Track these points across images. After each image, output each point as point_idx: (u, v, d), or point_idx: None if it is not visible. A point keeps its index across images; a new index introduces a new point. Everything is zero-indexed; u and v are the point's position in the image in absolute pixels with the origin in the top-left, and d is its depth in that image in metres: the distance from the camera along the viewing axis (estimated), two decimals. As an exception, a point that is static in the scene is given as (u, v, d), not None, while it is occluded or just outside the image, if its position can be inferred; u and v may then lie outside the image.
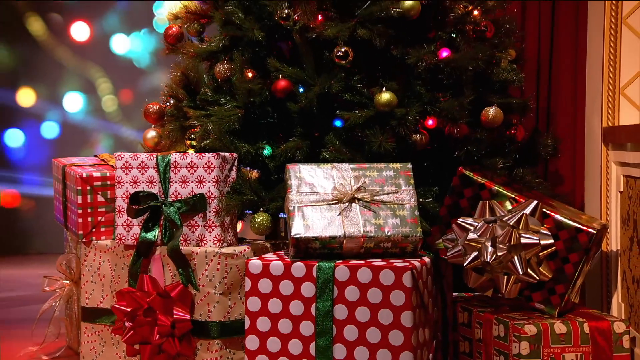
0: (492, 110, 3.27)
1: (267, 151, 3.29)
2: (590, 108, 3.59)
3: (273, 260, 2.88)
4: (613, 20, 3.22)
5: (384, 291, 2.74)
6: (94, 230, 3.47)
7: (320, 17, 3.27)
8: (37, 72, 8.09)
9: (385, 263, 2.78)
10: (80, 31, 8.17)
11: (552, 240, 2.85)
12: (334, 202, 2.93)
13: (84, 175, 3.47)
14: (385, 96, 3.12)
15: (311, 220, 2.89)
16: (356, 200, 2.93)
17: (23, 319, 3.96)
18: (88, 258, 3.42)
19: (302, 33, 3.27)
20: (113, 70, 8.20)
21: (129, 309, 3.11)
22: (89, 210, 3.49)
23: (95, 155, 3.74)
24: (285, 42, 3.49)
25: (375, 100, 3.14)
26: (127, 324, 3.11)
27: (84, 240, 3.47)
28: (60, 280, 3.78)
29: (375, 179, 2.98)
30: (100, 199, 3.50)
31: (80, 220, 3.47)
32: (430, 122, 3.27)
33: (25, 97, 8.14)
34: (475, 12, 3.44)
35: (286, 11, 3.26)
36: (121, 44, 8.24)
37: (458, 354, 3.18)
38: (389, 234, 2.88)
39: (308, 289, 2.82)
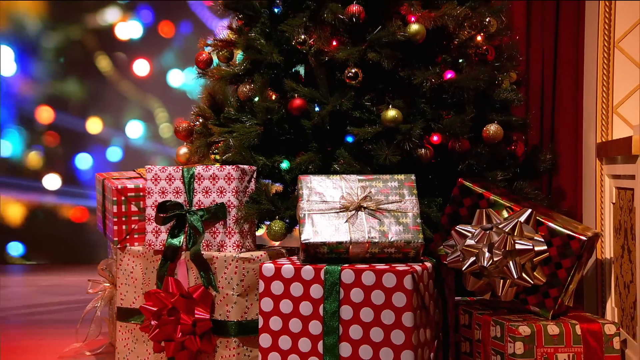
0: (492, 127, 3.16)
1: (285, 165, 3.20)
2: (587, 126, 3.46)
3: (284, 264, 2.80)
4: (606, 44, 3.10)
5: (386, 293, 2.65)
6: (127, 237, 3.42)
7: (334, 43, 3.16)
8: (103, 103, 8.11)
9: (388, 267, 2.69)
10: (141, 67, 8.19)
11: (545, 247, 2.73)
12: (341, 210, 2.84)
13: (119, 187, 3.44)
14: (391, 113, 3.03)
15: (320, 227, 2.81)
16: (362, 209, 2.84)
17: (75, 319, 3.87)
18: (123, 262, 3.35)
19: (317, 56, 3.21)
20: (169, 101, 8.19)
21: (155, 309, 3.04)
22: (124, 219, 3.45)
23: (134, 170, 3.67)
24: (301, 64, 3.35)
25: (382, 117, 3.05)
26: (153, 322, 3.04)
27: (119, 246, 3.42)
28: (102, 283, 3.71)
29: (381, 189, 2.89)
30: (133, 208, 3.46)
31: (115, 228, 3.44)
32: (435, 138, 3.18)
33: (94, 125, 8.17)
34: (479, 38, 3.32)
35: (302, 37, 3.19)
36: (176, 78, 8.23)
37: (460, 353, 3.06)
38: (392, 240, 2.78)
39: (316, 291, 2.73)
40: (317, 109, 3.20)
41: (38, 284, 6.69)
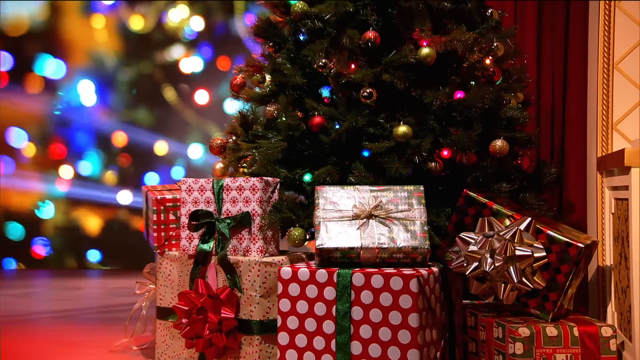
0: (499, 143, 3.05)
1: (308, 177, 3.12)
2: (590, 142, 3.31)
3: (301, 268, 2.72)
4: (605, 66, 2.96)
5: (394, 295, 2.55)
6: (166, 243, 3.39)
7: (353, 66, 3.08)
8: (169, 129, 8.15)
9: (395, 271, 2.59)
10: (201, 97, 8.25)
11: (544, 253, 2.60)
12: (354, 218, 2.75)
13: (159, 197, 3.42)
14: (402, 129, 2.94)
15: (333, 233, 2.72)
16: (373, 217, 2.74)
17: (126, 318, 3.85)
18: (162, 266, 3.29)
19: (336, 78, 3.14)
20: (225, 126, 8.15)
21: (186, 308, 2.97)
22: (162, 227, 3.43)
23: (176, 182, 3.62)
24: (322, 86, 3.27)
25: (393, 133, 2.96)
26: (184, 321, 2.98)
27: (158, 251, 3.38)
28: (148, 285, 3.65)
29: (391, 198, 2.79)
30: (171, 217, 3.42)
31: (155, 234, 3.43)
32: (445, 152, 3.07)
33: (161, 147, 8.21)
34: (487, 61, 3.20)
35: (323, 60, 3.11)
36: (231, 106, 8.20)
37: (467, 353, 2.93)
38: (400, 246, 2.67)
39: (330, 293, 2.64)
40: (337, 126, 3.08)
41: (109, 287, 6.78)
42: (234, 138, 3.45)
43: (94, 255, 8.23)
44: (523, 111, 3.20)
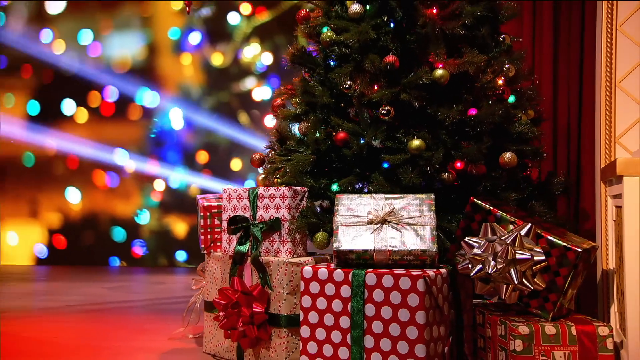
0: (508, 155, 2.85)
1: (335, 187, 2.98)
2: (597, 156, 3.05)
3: (320, 268, 2.59)
4: (608, 84, 2.74)
5: (402, 294, 2.41)
6: (212, 244, 3.30)
7: (376, 87, 2.93)
8: (243, 148, 8.08)
9: (405, 272, 2.44)
10: (270, 121, 8.11)
11: (543, 257, 2.41)
12: (368, 223, 2.61)
13: (205, 204, 3.37)
14: (416, 142, 2.78)
15: (349, 237, 2.59)
16: (386, 222, 2.60)
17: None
18: (209, 265, 3.23)
19: (359, 98, 2.99)
20: (290, 145, 8.17)
21: (223, 303, 2.89)
22: (209, 230, 3.36)
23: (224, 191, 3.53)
24: (347, 105, 3.12)
25: (408, 146, 2.80)
26: (221, 314, 2.88)
27: (205, 252, 3.30)
28: (202, 281, 3.53)
29: (404, 206, 2.64)
30: (217, 222, 3.34)
31: (202, 237, 3.36)
32: (458, 164, 2.87)
33: (236, 164, 8.23)
34: (500, 82, 2.99)
35: (348, 82, 2.99)
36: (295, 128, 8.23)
37: (477, 349, 2.72)
38: (410, 249, 2.52)
39: (346, 291, 2.51)
40: (362, 140, 2.93)
41: (187, 282, 6.72)
42: (272, 152, 3.31)
43: (181, 255, 8.27)
44: (532, 126, 2.99)
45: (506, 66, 3.05)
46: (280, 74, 8.01)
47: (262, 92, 8.20)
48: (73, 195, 8.30)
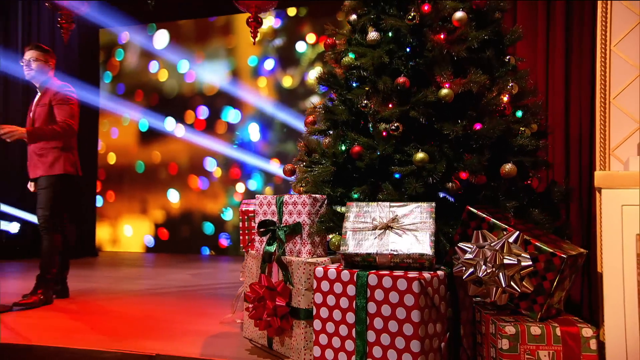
0: (508, 166, 2.61)
1: (355, 195, 2.76)
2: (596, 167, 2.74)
3: (330, 268, 2.44)
4: (603, 100, 2.43)
5: (400, 294, 2.23)
6: (249, 244, 3.18)
7: (390, 105, 2.72)
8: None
9: (402, 274, 2.26)
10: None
11: (530, 262, 2.18)
12: (373, 228, 2.43)
13: (243, 209, 3.31)
14: (420, 155, 2.58)
15: (355, 241, 2.43)
16: (389, 228, 2.41)
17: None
18: (247, 262, 3.13)
19: (374, 115, 2.79)
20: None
21: (252, 296, 2.78)
22: (246, 232, 3.28)
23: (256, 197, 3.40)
24: (365, 121, 2.94)
25: (413, 158, 2.57)
26: (250, 305, 2.74)
27: (244, 250, 3.21)
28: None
29: (406, 213, 2.45)
30: (253, 224, 3.23)
31: (241, 237, 3.28)
32: (463, 174, 2.63)
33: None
34: (505, 98, 2.73)
35: (365, 101, 2.80)
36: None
37: (476, 344, 2.47)
38: (409, 252, 2.34)
39: (351, 290, 2.35)
40: (378, 153, 2.72)
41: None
42: (302, 164, 3.15)
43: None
44: (532, 139, 2.72)
45: (510, 84, 2.78)
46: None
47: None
48: (173, 196, 8.44)
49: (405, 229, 2.37)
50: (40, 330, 3.31)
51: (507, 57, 2.89)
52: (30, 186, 4.42)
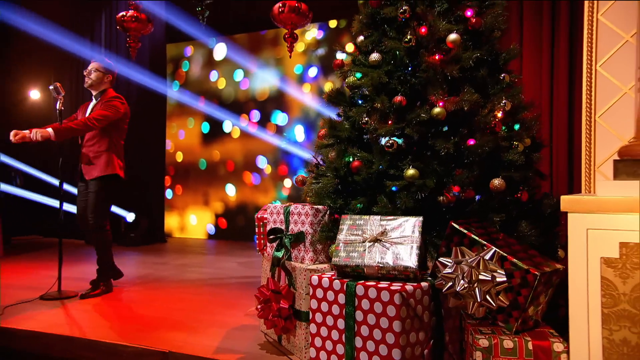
0: (497, 181, 2.45)
1: (360, 205, 2.66)
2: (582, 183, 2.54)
3: (324, 277, 2.36)
4: (588, 118, 2.25)
5: (383, 305, 2.14)
6: (264, 247, 3.13)
7: (390, 122, 2.61)
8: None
9: (387, 285, 2.17)
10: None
11: (504, 279, 2.04)
12: (363, 241, 2.34)
13: (258, 216, 3.25)
14: (410, 172, 2.46)
15: (347, 253, 2.35)
16: (378, 241, 2.30)
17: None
18: (263, 263, 3.05)
19: (373, 132, 2.66)
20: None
21: (260, 298, 2.73)
22: (262, 236, 3.25)
23: (267, 207, 3.35)
24: (366, 136, 2.82)
25: (404, 174, 2.45)
26: (258, 306, 2.70)
27: (259, 253, 3.15)
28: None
29: (395, 227, 2.34)
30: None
31: (257, 241, 3.25)
32: (454, 189, 2.46)
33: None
34: (499, 114, 2.56)
35: (366, 119, 2.70)
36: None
37: (462, 349, 2.34)
38: (395, 265, 2.24)
39: (342, 298, 2.27)
40: (381, 167, 2.63)
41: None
42: (312, 175, 3.07)
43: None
44: (521, 155, 2.52)
45: (503, 102, 2.60)
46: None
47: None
48: (230, 190, 8.51)
49: (393, 242, 2.26)
50: (87, 321, 3.38)
51: (502, 75, 2.71)
52: (79, 187, 4.33)
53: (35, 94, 8.97)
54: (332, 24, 7.84)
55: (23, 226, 8.67)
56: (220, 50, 8.60)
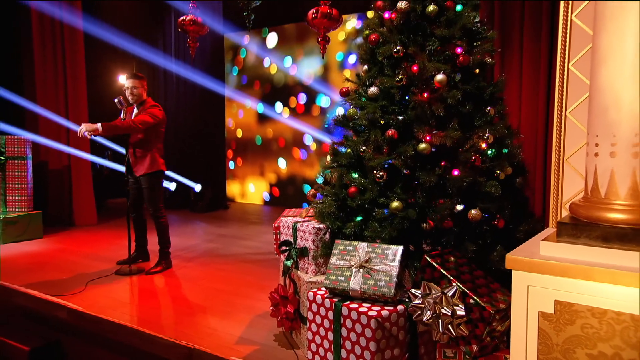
0: (474, 212, 2.42)
1: (350, 231, 2.70)
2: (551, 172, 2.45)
3: (318, 294, 2.45)
4: (559, 113, 2.16)
5: (362, 326, 2.22)
6: (279, 252, 3.14)
7: (385, 150, 2.59)
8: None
9: (367, 309, 2.25)
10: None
11: (463, 313, 2.08)
12: (351, 266, 2.39)
13: (275, 225, 3.30)
14: (395, 204, 2.47)
15: (335, 276, 2.42)
16: (363, 267, 2.34)
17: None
18: (280, 264, 3.09)
19: (368, 162, 2.63)
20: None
21: (272, 301, 2.82)
22: (277, 242, 3.22)
23: (279, 221, 3.38)
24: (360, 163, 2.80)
25: (389, 206, 2.45)
26: (271, 308, 2.82)
27: (276, 255, 3.21)
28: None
29: (379, 254, 2.39)
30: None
31: (275, 246, 3.27)
32: (433, 217, 2.44)
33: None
34: (484, 145, 2.49)
35: (363, 148, 2.68)
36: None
37: None
38: (374, 291, 2.30)
39: (331, 315, 2.37)
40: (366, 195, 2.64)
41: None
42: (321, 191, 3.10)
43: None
44: (498, 187, 2.44)
45: (486, 135, 2.51)
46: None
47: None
48: (281, 163, 8.66)
49: (375, 270, 2.31)
50: (141, 303, 3.51)
51: (488, 108, 2.61)
52: (129, 182, 4.45)
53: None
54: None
55: (116, 190, 9.26)
56: (271, 39, 8.58)
